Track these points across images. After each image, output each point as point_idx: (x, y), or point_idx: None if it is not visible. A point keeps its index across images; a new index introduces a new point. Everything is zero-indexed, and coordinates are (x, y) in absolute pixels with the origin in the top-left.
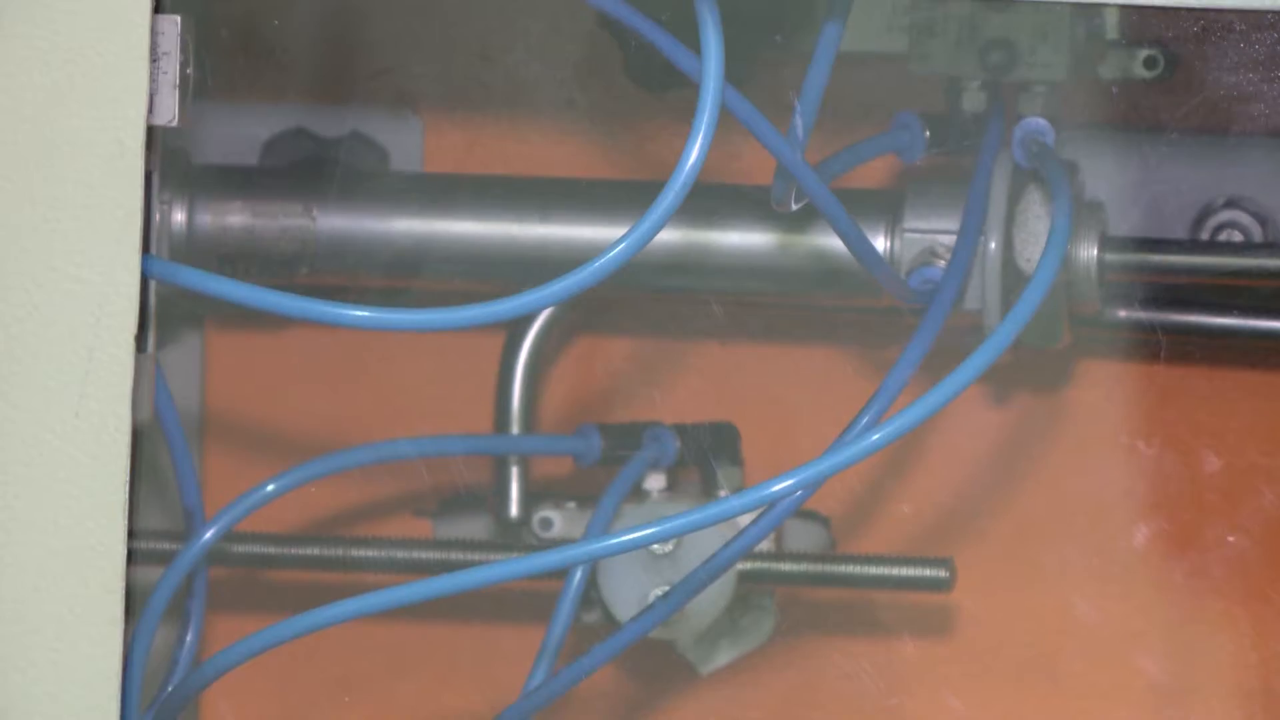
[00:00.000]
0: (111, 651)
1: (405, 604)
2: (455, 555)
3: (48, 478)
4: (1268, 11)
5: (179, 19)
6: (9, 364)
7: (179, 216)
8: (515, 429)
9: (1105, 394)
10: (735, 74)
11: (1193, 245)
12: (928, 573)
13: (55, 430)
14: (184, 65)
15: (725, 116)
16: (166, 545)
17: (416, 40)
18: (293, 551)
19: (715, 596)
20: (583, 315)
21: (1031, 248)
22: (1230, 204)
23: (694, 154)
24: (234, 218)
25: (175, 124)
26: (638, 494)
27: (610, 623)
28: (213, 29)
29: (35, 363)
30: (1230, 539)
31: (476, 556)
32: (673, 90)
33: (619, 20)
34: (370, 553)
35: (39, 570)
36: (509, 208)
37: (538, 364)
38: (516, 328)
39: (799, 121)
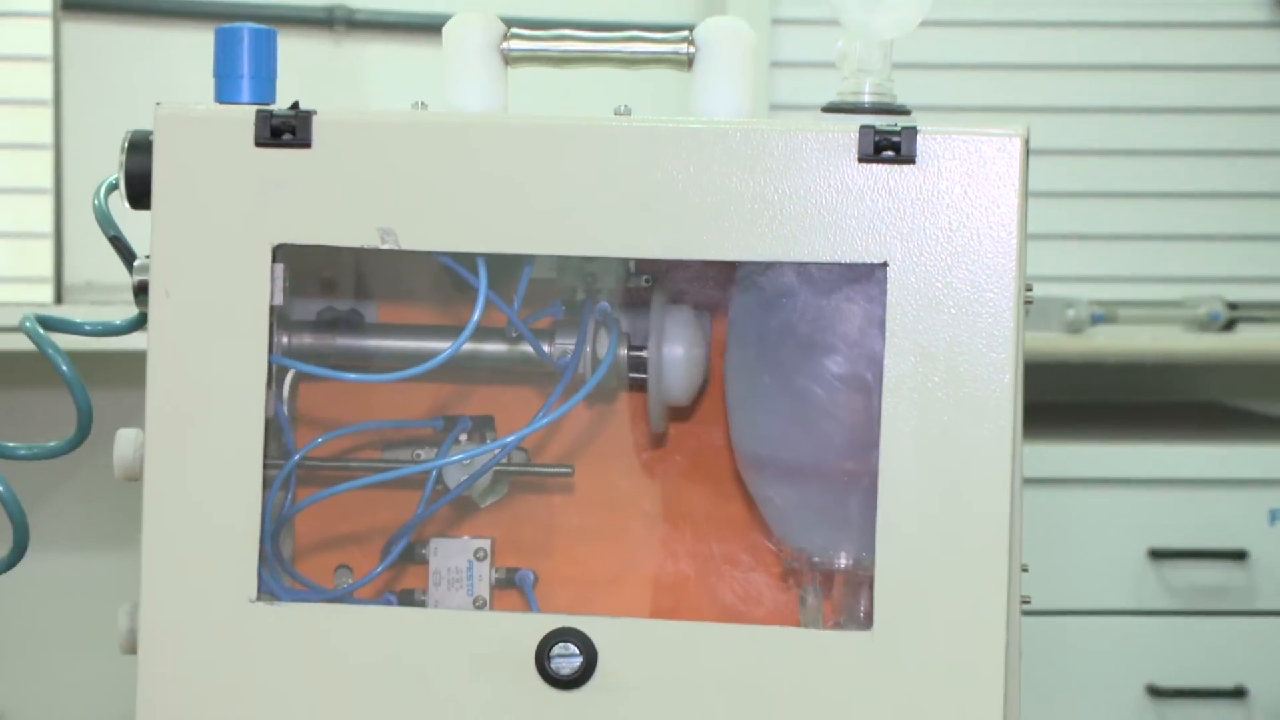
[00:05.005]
0: (256, 501)
1: (369, 484)
2: (397, 463)
3: (228, 439)
4: (686, 260)
5: (282, 266)
6: (202, 411)
7: (284, 339)
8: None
9: (625, 407)
10: (495, 284)
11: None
12: (562, 470)
13: (222, 431)
14: (284, 280)
15: (488, 303)
16: (278, 463)
17: (382, 274)
18: (329, 464)
19: (487, 477)
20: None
21: (602, 350)
22: None
23: (475, 315)
24: (305, 339)
25: (281, 304)
26: (456, 443)
27: (447, 488)
28: (297, 267)
29: (216, 409)
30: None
31: (407, 464)
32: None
33: (451, 268)
34: (359, 464)
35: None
36: (412, 338)
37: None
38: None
39: (516, 302)
